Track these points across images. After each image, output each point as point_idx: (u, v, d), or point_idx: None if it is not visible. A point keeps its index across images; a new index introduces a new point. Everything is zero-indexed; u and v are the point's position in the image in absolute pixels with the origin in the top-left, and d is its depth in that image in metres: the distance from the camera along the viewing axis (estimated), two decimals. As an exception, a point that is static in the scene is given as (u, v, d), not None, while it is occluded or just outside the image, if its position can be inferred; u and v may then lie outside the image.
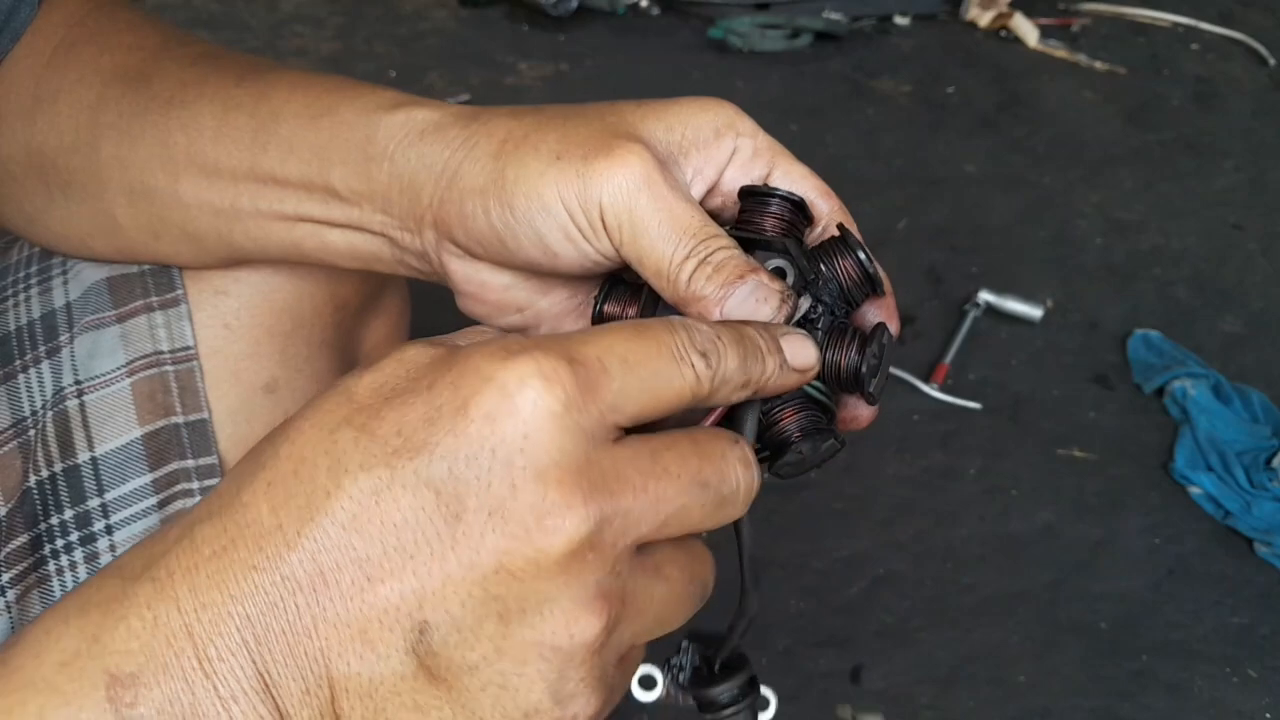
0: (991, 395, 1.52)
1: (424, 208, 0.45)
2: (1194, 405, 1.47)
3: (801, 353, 0.40)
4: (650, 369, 0.33)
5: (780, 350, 0.39)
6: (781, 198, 0.44)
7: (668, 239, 0.41)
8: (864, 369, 0.42)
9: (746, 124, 0.46)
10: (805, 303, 0.43)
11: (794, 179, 0.46)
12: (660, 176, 0.42)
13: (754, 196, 0.45)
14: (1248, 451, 1.42)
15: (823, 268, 0.43)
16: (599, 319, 0.46)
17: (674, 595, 0.35)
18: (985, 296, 1.62)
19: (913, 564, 1.31)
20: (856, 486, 1.39)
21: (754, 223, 0.44)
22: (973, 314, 1.61)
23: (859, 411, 0.46)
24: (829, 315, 0.43)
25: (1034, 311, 1.62)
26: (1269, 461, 1.40)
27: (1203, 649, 1.25)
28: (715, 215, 0.45)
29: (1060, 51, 2.31)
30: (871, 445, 1.44)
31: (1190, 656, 1.24)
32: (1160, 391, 1.53)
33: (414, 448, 0.31)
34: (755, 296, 0.41)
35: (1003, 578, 1.31)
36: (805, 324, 0.43)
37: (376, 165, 0.46)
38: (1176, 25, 2.42)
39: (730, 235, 0.43)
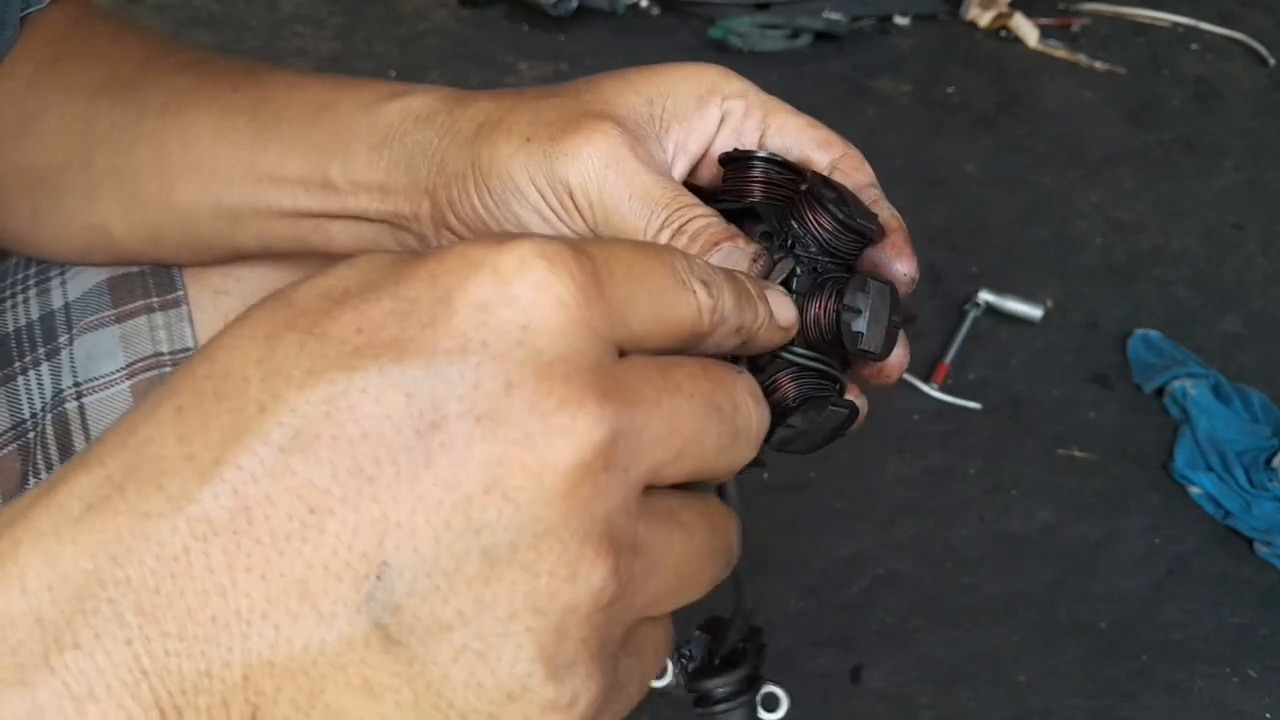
0: (991, 395, 1.52)
1: (420, 193, 0.45)
2: (1194, 405, 1.47)
3: (781, 307, 0.36)
4: (656, 284, 0.28)
5: (766, 300, 0.35)
6: (762, 159, 0.42)
7: (639, 213, 0.40)
8: (843, 320, 0.39)
9: (734, 84, 0.44)
10: (789, 264, 0.40)
11: (790, 131, 0.44)
12: (628, 151, 0.41)
13: (732, 163, 0.43)
14: (1248, 451, 1.42)
15: (794, 224, 0.40)
16: None
17: (694, 550, 0.29)
18: (985, 296, 1.62)
19: (913, 564, 1.31)
20: (856, 486, 1.39)
21: (736, 190, 0.42)
22: (973, 314, 1.61)
23: (877, 368, 0.42)
24: (810, 273, 0.40)
25: (1034, 311, 1.62)
26: (1269, 461, 1.40)
27: (1203, 649, 1.25)
28: (708, 188, 0.44)
29: (1060, 51, 2.31)
30: (872, 445, 1.44)
31: (1190, 656, 1.24)
32: (1160, 391, 1.54)
33: (379, 345, 0.24)
34: (730, 261, 0.39)
35: (1003, 578, 1.31)
36: (785, 285, 0.40)
37: (378, 155, 0.46)
38: (1176, 25, 2.42)
39: (712, 205, 0.41)
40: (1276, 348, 1.64)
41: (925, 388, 1.51)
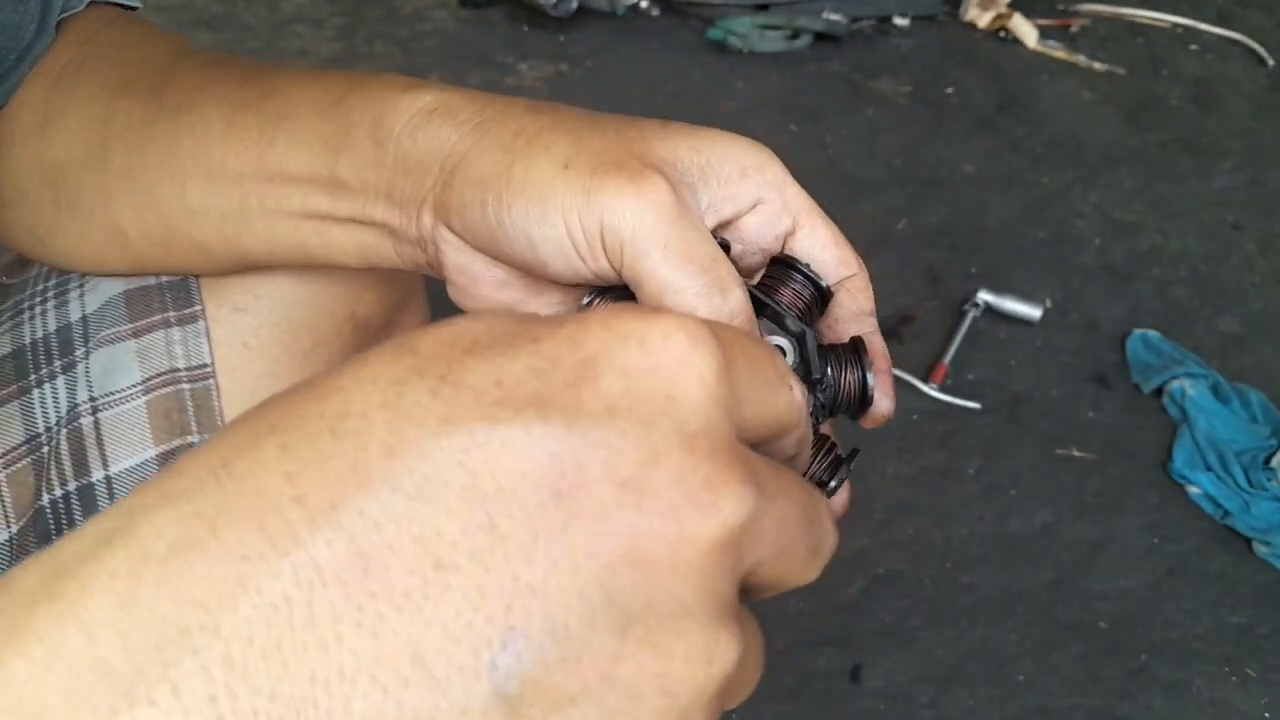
0: (990, 395, 1.53)
1: (426, 190, 0.44)
2: (1193, 405, 1.48)
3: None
4: (765, 377, 0.27)
5: None
6: (808, 278, 0.42)
7: (675, 268, 0.39)
8: (868, 382, 0.42)
9: (777, 170, 0.44)
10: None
11: (817, 242, 0.44)
12: (673, 202, 0.39)
13: (782, 265, 0.43)
14: (1246, 451, 1.42)
15: (829, 371, 0.42)
16: None
17: (752, 658, 0.27)
18: (984, 296, 1.63)
19: (912, 563, 1.32)
20: (856, 486, 1.38)
21: (771, 287, 0.43)
22: (972, 314, 1.61)
23: (874, 415, 0.46)
24: (817, 416, 0.43)
25: (1033, 311, 1.62)
26: (1267, 461, 1.40)
27: (1201, 648, 1.25)
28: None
29: (1059, 52, 2.31)
30: (871, 445, 1.44)
31: (1189, 656, 1.24)
32: (1159, 391, 1.54)
33: (521, 400, 0.23)
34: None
35: (1002, 577, 1.31)
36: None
37: (383, 149, 0.45)
38: (1175, 26, 2.43)
39: (751, 289, 0.41)
40: (1275, 348, 1.64)
41: (924, 388, 1.51)
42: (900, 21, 2.37)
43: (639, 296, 0.40)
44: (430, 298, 0.70)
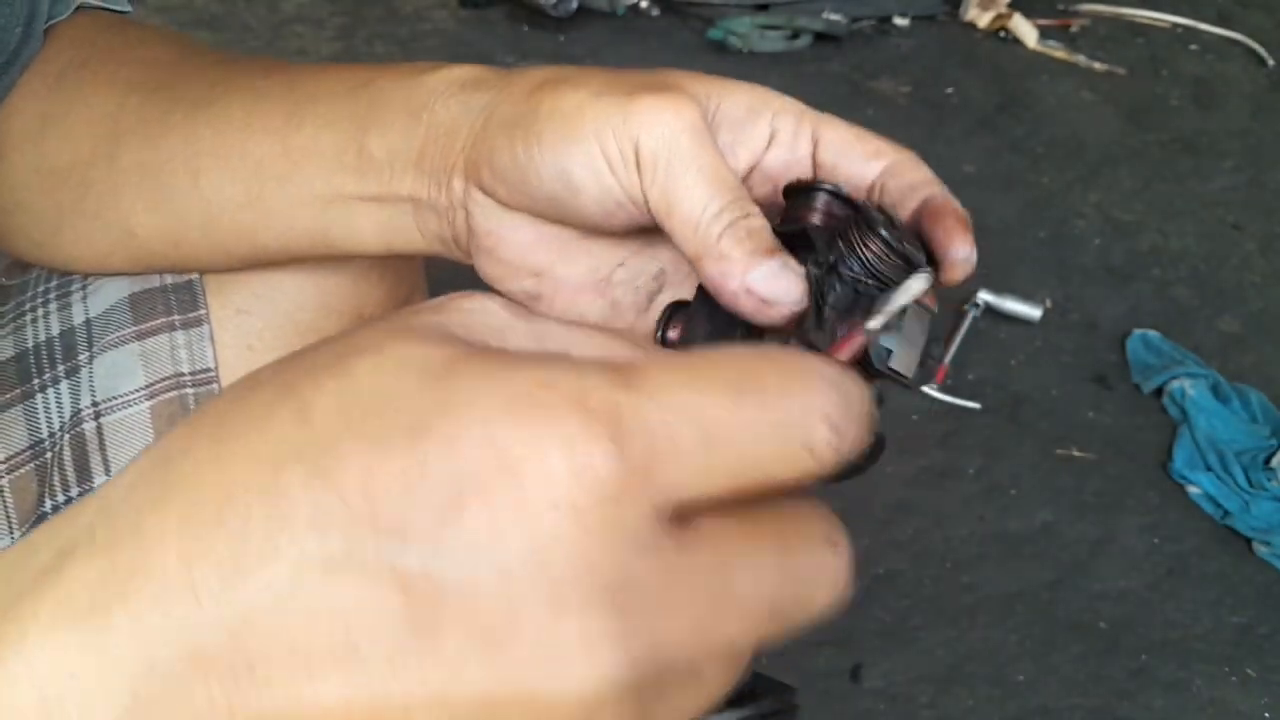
0: (990, 395, 1.53)
1: (455, 153, 0.44)
2: (1193, 405, 1.48)
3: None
4: (744, 450, 0.23)
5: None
6: (827, 191, 0.41)
7: (703, 190, 0.39)
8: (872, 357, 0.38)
9: (781, 99, 0.44)
10: (838, 294, 0.39)
11: (840, 145, 0.43)
12: (705, 126, 0.39)
13: (795, 194, 0.42)
14: (1246, 451, 1.42)
15: (840, 244, 0.39)
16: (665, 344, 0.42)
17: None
18: (984, 296, 1.63)
19: (912, 563, 1.32)
20: (855, 486, 1.38)
21: (794, 218, 0.41)
22: (972, 314, 1.61)
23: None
24: (851, 294, 0.39)
25: (1033, 311, 1.62)
26: (1267, 461, 1.40)
27: (1201, 648, 1.25)
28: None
29: (1059, 52, 2.31)
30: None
31: (1189, 656, 1.24)
32: (1159, 391, 1.54)
33: (382, 523, 0.22)
34: (782, 276, 0.38)
35: (1002, 577, 1.31)
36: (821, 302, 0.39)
37: (415, 119, 0.45)
38: (1175, 26, 2.43)
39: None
40: (1275, 348, 1.64)
41: (924, 387, 1.51)
42: (900, 21, 2.37)
43: (663, 221, 0.40)
44: (433, 293, 0.70)
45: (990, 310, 1.63)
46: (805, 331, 0.39)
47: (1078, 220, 1.87)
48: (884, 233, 0.38)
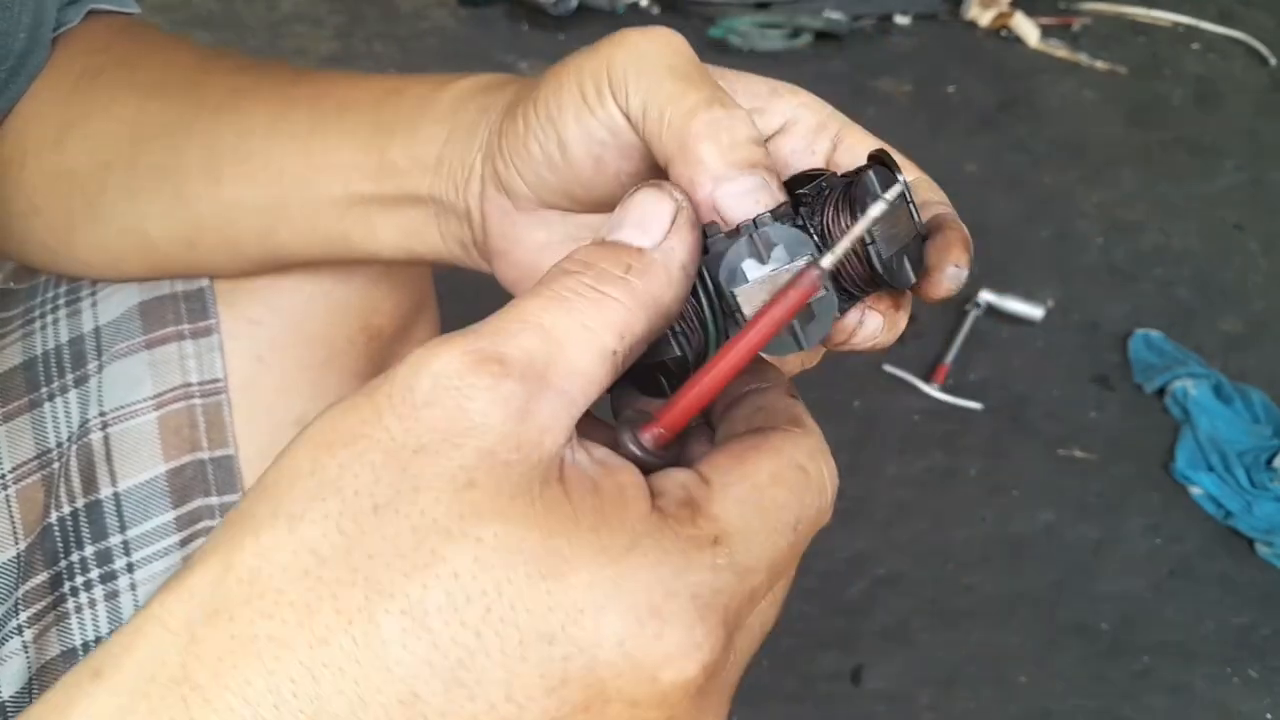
0: (992, 395, 1.52)
1: (473, 152, 0.43)
2: (1195, 405, 1.47)
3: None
4: (769, 538, 0.29)
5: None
6: (832, 177, 0.36)
7: (675, 84, 0.35)
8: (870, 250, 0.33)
9: (809, 95, 0.42)
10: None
11: (861, 152, 0.40)
12: (686, 45, 0.36)
13: (800, 182, 0.36)
14: (1249, 451, 1.42)
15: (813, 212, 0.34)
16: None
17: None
18: (986, 296, 1.62)
19: (913, 564, 1.31)
20: (857, 487, 1.39)
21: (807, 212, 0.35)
22: (973, 314, 1.61)
23: (846, 328, 0.37)
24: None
25: (1035, 311, 1.62)
26: (1270, 461, 1.40)
27: (1204, 649, 1.25)
28: None
29: (1061, 51, 2.30)
30: (872, 445, 1.44)
31: (1191, 657, 1.24)
32: (1161, 391, 1.53)
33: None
34: (754, 195, 0.33)
35: (1003, 578, 1.31)
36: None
37: (441, 126, 0.45)
38: (1177, 25, 2.42)
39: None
40: (1277, 348, 1.64)
41: (926, 388, 1.50)
42: (901, 20, 2.37)
43: (644, 124, 0.36)
44: (441, 305, 0.69)
45: (992, 310, 1.63)
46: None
47: (1080, 220, 1.87)
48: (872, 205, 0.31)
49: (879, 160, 0.36)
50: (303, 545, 0.24)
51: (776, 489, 0.29)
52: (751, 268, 0.32)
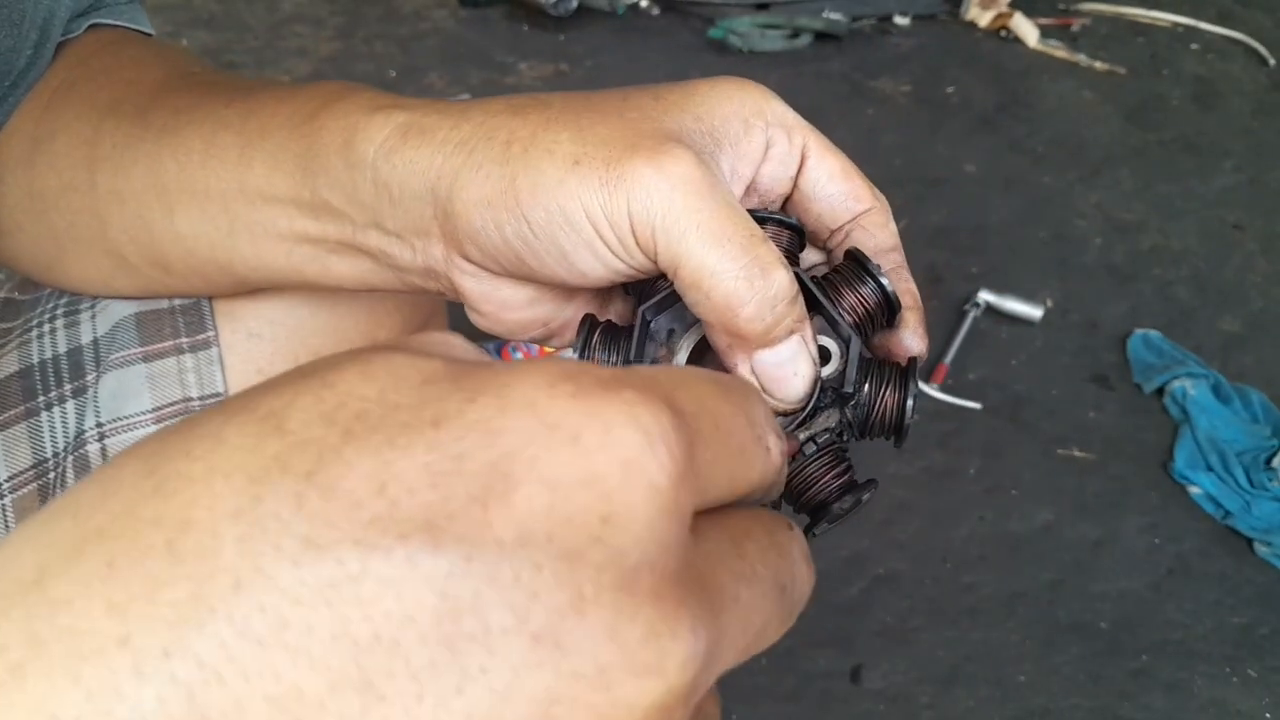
0: (991, 395, 1.52)
1: (426, 221, 0.40)
2: (1194, 405, 1.47)
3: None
4: (738, 443, 0.23)
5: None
6: (879, 284, 0.40)
7: (712, 247, 0.36)
8: (907, 407, 0.39)
9: (775, 106, 0.41)
10: (830, 419, 0.39)
11: (825, 174, 0.42)
12: (701, 175, 0.36)
13: (854, 263, 0.40)
14: (1247, 451, 1.42)
15: (868, 389, 0.39)
16: None
17: None
18: (985, 296, 1.62)
19: (912, 564, 1.31)
20: (856, 486, 1.39)
21: (837, 290, 0.40)
22: (973, 314, 1.61)
23: None
24: (843, 433, 0.39)
25: (1034, 311, 1.62)
26: (1269, 461, 1.40)
27: (1202, 648, 1.25)
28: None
29: (1060, 51, 2.31)
30: (871, 445, 1.44)
31: (1190, 656, 1.24)
32: (1160, 391, 1.54)
33: (408, 518, 0.18)
34: (793, 366, 0.36)
35: (1002, 577, 1.31)
36: (814, 439, 0.39)
37: (359, 173, 0.41)
38: (1176, 25, 2.42)
39: (808, 279, 0.39)
40: (1276, 348, 1.64)
41: (925, 387, 1.51)
42: (901, 21, 2.37)
43: (677, 283, 0.37)
44: (449, 312, 0.69)
45: (991, 310, 1.63)
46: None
47: (1078, 220, 1.87)
48: (908, 404, 0.39)
49: (853, 257, 0.40)
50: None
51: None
52: None
